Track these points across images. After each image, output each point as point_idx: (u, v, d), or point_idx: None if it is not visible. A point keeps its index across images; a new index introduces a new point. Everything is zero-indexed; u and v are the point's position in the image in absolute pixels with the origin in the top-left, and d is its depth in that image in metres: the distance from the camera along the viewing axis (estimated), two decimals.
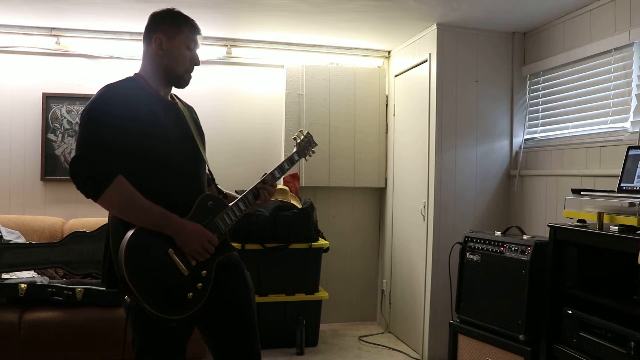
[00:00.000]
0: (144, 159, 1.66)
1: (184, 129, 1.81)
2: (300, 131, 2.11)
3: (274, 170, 1.97)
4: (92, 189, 1.59)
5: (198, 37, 1.85)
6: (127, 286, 1.54)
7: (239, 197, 1.84)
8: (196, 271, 1.67)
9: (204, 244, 1.66)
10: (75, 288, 2.91)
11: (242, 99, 4.12)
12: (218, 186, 1.98)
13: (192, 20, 1.84)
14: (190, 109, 1.94)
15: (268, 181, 1.91)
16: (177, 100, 1.89)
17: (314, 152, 2.13)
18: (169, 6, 1.83)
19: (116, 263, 1.60)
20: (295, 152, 2.06)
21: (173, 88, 1.87)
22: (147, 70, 1.81)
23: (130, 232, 1.58)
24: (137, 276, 1.54)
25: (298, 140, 2.08)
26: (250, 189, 1.87)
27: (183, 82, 1.83)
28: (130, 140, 1.63)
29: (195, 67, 1.85)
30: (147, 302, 1.55)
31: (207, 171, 1.90)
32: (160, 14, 1.81)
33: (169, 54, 1.77)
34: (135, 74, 1.83)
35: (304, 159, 2.11)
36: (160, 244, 1.62)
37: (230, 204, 1.81)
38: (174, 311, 1.60)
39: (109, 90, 1.70)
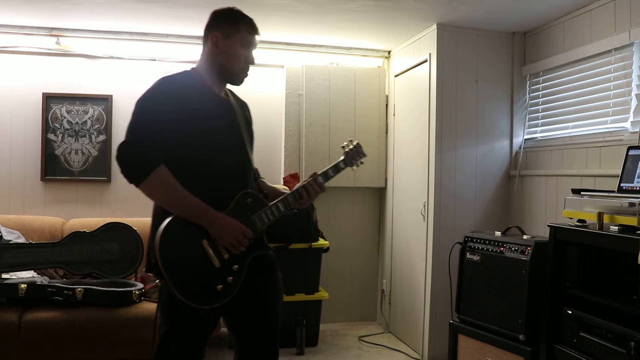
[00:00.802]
0: (189, 152, 1.69)
1: (233, 125, 1.84)
2: (350, 140, 2.09)
3: (319, 174, 1.96)
4: (135, 175, 1.64)
5: (255, 37, 1.87)
6: (160, 271, 1.60)
7: (281, 196, 1.85)
8: (228, 265, 1.70)
9: (238, 237, 1.69)
10: (75, 288, 2.91)
11: (242, 98, 4.11)
12: (264, 182, 2.00)
13: (251, 20, 1.86)
14: (243, 106, 1.98)
15: (311, 185, 1.90)
16: (231, 97, 1.92)
17: (362, 162, 2.09)
18: (230, 5, 1.87)
19: (152, 248, 1.67)
20: (342, 160, 2.03)
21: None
22: (203, 67, 1.84)
23: (166, 220, 1.63)
24: (170, 263, 1.60)
25: (346, 149, 2.05)
26: (292, 191, 1.88)
27: (238, 80, 1.86)
28: (177, 132, 1.67)
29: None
30: (177, 289, 1.60)
31: (253, 167, 1.92)
32: (219, 13, 1.85)
33: (224, 52, 1.80)
34: (192, 68, 1.86)
35: (352, 168, 2.08)
36: (195, 234, 1.66)
37: (270, 204, 1.82)
38: (201, 301, 1.64)
39: (164, 82, 1.74)
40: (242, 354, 1.83)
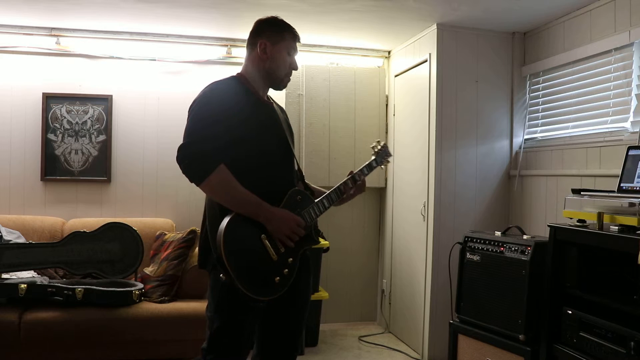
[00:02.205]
0: (243, 152, 1.80)
1: (278, 128, 1.96)
2: (378, 141, 2.24)
3: (355, 172, 2.09)
4: (197, 175, 1.73)
5: (298, 44, 2.00)
6: (224, 266, 1.69)
7: (325, 193, 2.00)
8: (284, 257, 1.82)
9: (293, 228, 1.81)
10: (75, 288, 2.91)
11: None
12: (306, 182, 2.10)
13: (293, 28, 1.99)
14: (282, 111, 2.09)
15: (350, 182, 2.05)
16: (273, 102, 2.04)
17: (388, 161, 2.28)
18: (273, 14, 1.99)
19: (213, 244, 1.77)
20: (374, 159, 2.19)
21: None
22: (250, 72, 1.95)
23: (228, 217, 1.73)
24: (233, 257, 1.70)
25: (376, 149, 2.21)
26: (334, 188, 2.02)
27: (282, 85, 1.99)
28: (231, 134, 1.77)
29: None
30: (241, 282, 1.70)
31: (296, 168, 2.03)
32: (266, 21, 1.97)
33: (272, 58, 1.92)
34: (238, 73, 1.97)
35: (380, 167, 2.24)
36: (255, 230, 1.77)
37: (316, 200, 1.95)
38: (262, 292, 1.77)
39: (215, 87, 1.86)
40: (268, 346, 1.96)
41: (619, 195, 2.20)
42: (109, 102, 3.81)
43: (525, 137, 3.50)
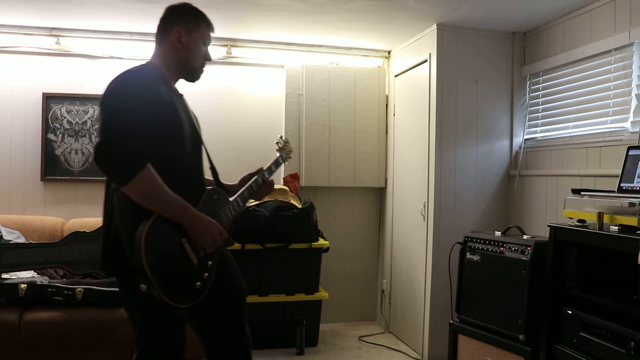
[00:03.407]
0: (163, 148, 1.67)
1: (191, 120, 1.87)
2: (280, 137, 2.30)
3: (265, 170, 2.08)
4: (123, 175, 1.56)
5: (211, 34, 1.92)
6: (144, 273, 1.55)
7: (238, 192, 1.96)
8: (204, 262, 1.74)
9: (215, 237, 1.72)
10: (75, 288, 2.91)
11: (242, 99, 4.12)
12: (219, 179, 2.01)
13: (207, 17, 1.90)
14: (185, 100, 1.96)
15: (260, 180, 2.05)
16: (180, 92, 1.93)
17: (290, 157, 2.35)
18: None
19: (130, 251, 1.59)
20: (280, 156, 2.25)
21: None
22: (162, 61, 1.82)
23: (147, 223, 1.58)
24: (155, 263, 1.57)
25: (280, 145, 2.26)
26: (247, 186, 1.99)
27: (197, 76, 1.89)
28: (154, 128, 1.63)
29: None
30: (162, 290, 1.58)
31: (210, 163, 1.96)
32: (179, 8, 1.86)
33: (186, 47, 1.82)
34: (149, 62, 1.83)
35: (285, 163, 2.29)
36: (174, 234, 1.66)
37: (230, 199, 1.90)
38: (184, 299, 1.66)
39: (130, 77, 1.68)
40: (217, 342, 1.91)
41: (619, 195, 2.20)
42: None
43: (525, 137, 3.50)
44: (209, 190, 1.82)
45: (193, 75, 1.88)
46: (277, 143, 2.23)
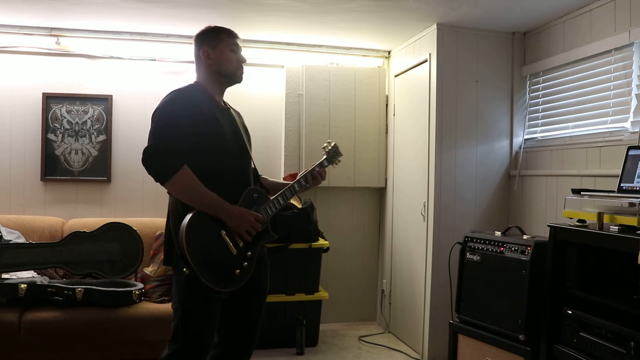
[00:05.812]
0: (205, 153, 1.93)
1: (236, 130, 2.10)
2: (329, 142, 2.35)
3: (308, 172, 2.23)
4: (162, 175, 1.87)
5: (237, 40, 2.11)
6: (187, 260, 1.81)
7: (280, 191, 2.12)
8: (243, 251, 1.95)
9: (252, 223, 1.95)
10: (75, 288, 2.91)
11: (242, 99, 4.10)
12: (265, 177, 2.28)
13: (228, 28, 2.12)
14: (239, 114, 2.23)
15: (303, 182, 2.21)
16: (230, 107, 2.18)
17: (339, 161, 2.36)
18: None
19: (176, 241, 1.88)
20: (325, 159, 2.31)
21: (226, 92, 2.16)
22: (204, 79, 2.09)
23: (190, 215, 1.84)
24: (196, 252, 1.82)
25: (327, 150, 2.32)
26: (289, 186, 2.16)
27: (237, 78, 2.12)
28: (194, 136, 1.90)
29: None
30: (203, 275, 1.82)
31: (253, 167, 2.18)
32: (200, 33, 2.10)
33: (217, 60, 2.06)
34: (195, 81, 2.10)
35: (331, 165, 2.34)
36: (215, 225, 1.90)
37: (271, 198, 2.09)
38: (224, 284, 1.89)
39: (178, 94, 1.99)
40: (228, 335, 2.08)
41: (619, 195, 2.20)
42: (109, 102, 3.81)
43: (525, 137, 3.50)
44: (249, 189, 2.03)
45: (233, 78, 2.10)
46: (324, 147, 2.33)
